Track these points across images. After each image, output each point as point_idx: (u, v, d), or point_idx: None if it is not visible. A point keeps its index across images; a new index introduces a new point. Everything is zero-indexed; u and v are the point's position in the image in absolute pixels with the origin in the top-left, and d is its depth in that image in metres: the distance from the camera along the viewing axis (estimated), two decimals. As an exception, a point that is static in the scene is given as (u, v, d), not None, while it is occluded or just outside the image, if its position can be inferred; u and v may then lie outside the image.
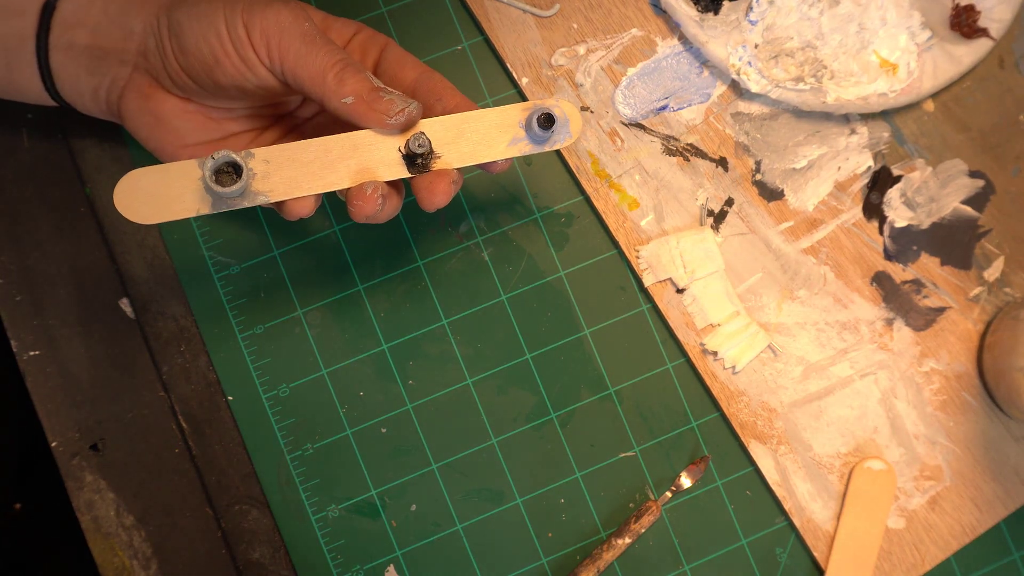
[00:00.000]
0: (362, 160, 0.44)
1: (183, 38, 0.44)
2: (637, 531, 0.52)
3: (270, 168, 0.43)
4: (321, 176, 0.43)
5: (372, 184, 0.43)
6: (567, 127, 0.45)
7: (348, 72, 0.42)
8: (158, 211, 0.42)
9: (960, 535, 0.53)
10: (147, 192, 0.42)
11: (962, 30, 0.54)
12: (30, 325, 0.53)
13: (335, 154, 0.43)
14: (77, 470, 0.52)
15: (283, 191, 0.43)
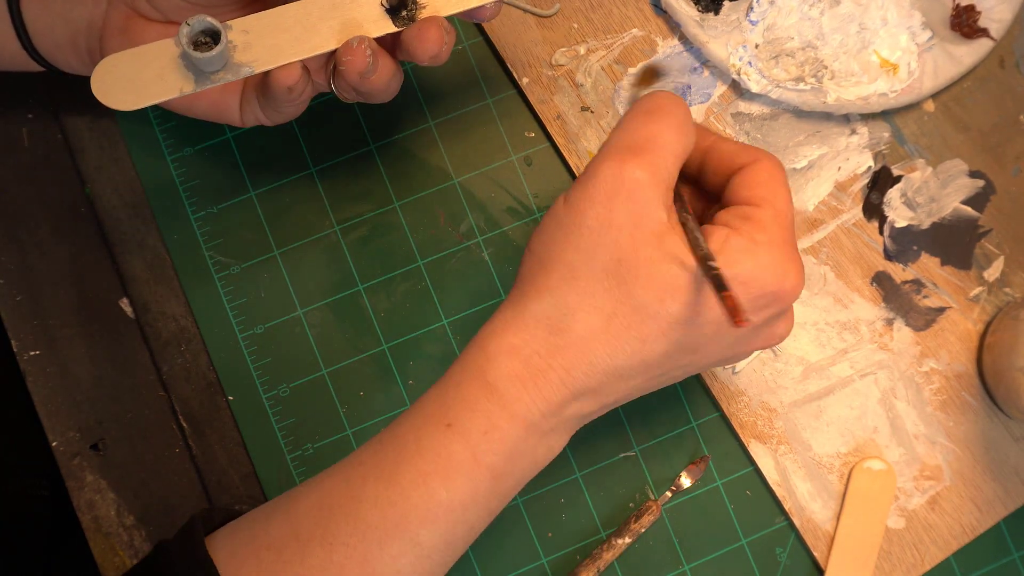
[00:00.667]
0: (345, 19, 0.42)
1: None
2: (637, 531, 0.52)
3: (250, 38, 0.41)
4: (305, 40, 0.42)
5: (358, 38, 0.42)
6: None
7: None
8: (139, 95, 0.40)
9: (960, 535, 0.53)
10: (125, 77, 0.40)
11: (962, 30, 0.54)
12: (30, 325, 0.53)
13: (316, 16, 0.42)
14: (78, 470, 0.52)
15: (267, 60, 0.42)
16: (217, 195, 0.54)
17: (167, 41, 0.40)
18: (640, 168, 0.37)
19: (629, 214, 0.37)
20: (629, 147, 0.38)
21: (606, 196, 0.37)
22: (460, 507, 0.38)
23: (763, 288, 0.38)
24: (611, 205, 0.37)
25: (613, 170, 0.38)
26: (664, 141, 0.38)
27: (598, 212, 0.37)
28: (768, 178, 0.40)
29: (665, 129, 0.39)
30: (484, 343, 0.39)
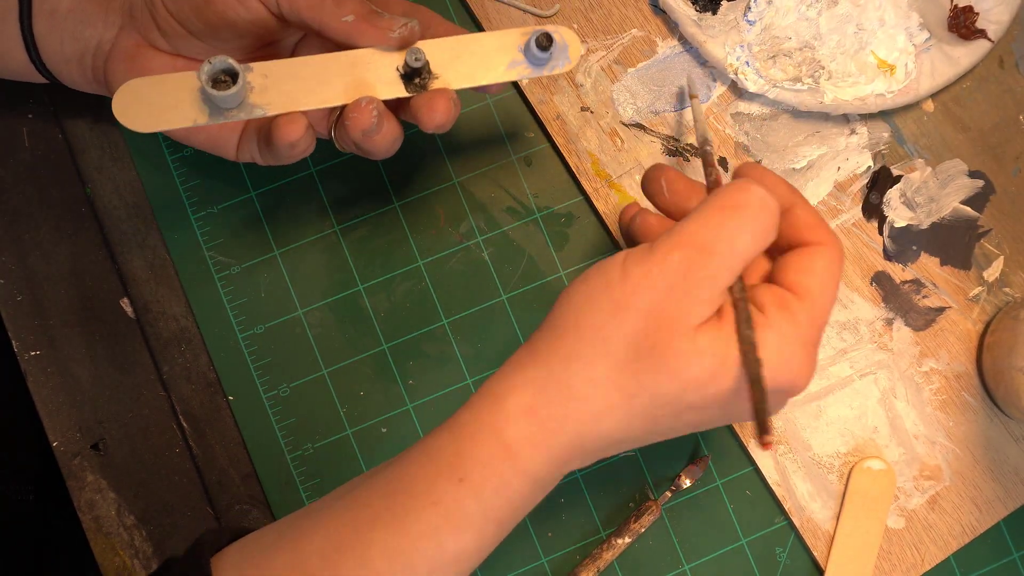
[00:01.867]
0: (359, 77, 0.44)
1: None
2: (637, 531, 0.52)
3: (268, 82, 0.43)
4: (318, 92, 0.43)
5: (367, 97, 0.43)
6: (566, 52, 0.45)
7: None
8: (155, 120, 0.42)
9: (960, 535, 0.53)
10: (145, 101, 0.42)
11: (960, 31, 0.54)
12: (31, 325, 0.53)
13: (333, 71, 0.43)
14: (78, 470, 0.52)
15: (279, 105, 0.43)
16: (217, 195, 0.54)
17: (190, 73, 0.42)
18: (706, 269, 0.36)
19: (679, 307, 0.36)
20: (702, 245, 0.37)
21: (666, 286, 0.37)
22: (466, 556, 0.39)
23: (778, 384, 0.37)
24: (668, 295, 0.37)
25: (681, 264, 0.37)
26: (738, 247, 0.37)
27: (653, 298, 0.37)
28: (823, 269, 0.39)
29: (743, 233, 0.37)
30: (502, 398, 0.39)
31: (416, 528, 0.38)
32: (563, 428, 0.38)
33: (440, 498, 0.38)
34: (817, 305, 0.38)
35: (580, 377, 0.38)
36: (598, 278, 0.38)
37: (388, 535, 0.38)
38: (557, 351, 0.38)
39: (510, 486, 0.38)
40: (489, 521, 0.38)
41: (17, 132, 0.54)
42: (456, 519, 0.38)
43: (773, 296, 0.38)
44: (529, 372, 0.39)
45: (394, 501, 0.38)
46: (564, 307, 0.39)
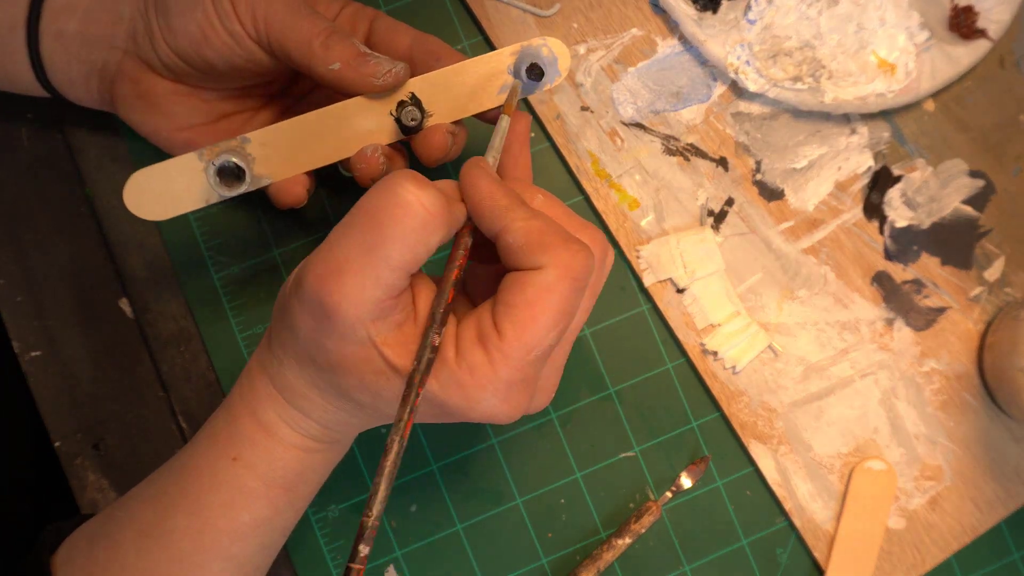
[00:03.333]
0: (356, 128, 0.44)
1: (169, 16, 0.44)
2: (637, 531, 0.52)
3: (268, 151, 0.44)
4: (318, 151, 0.44)
5: (372, 146, 0.45)
6: (555, 64, 0.45)
7: (334, 39, 0.42)
8: (168, 207, 0.44)
9: (960, 535, 0.53)
10: (154, 191, 0.43)
11: (960, 31, 0.54)
12: (31, 326, 0.53)
13: (329, 126, 0.44)
14: (80, 470, 0.53)
15: (283, 171, 0.44)
16: (217, 195, 0.54)
17: (191, 156, 0.43)
18: (337, 295, 0.35)
19: (335, 338, 0.36)
20: (336, 267, 0.35)
21: (313, 319, 0.36)
22: (265, 521, 0.41)
23: (447, 410, 0.37)
24: (319, 327, 0.36)
25: (314, 294, 0.35)
26: (381, 256, 0.35)
27: (309, 326, 0.37)
28: (530, 299, 0.35)
29: (385, 241, 0.35)
30: (254, 380, 0.41)
31: (208, 509, 0.40)
32: (303, 414, 0.40)
33: (222, 478, 0.40)
34: (515, 343, 0.35)
35: (293, 377, 0.39)
36: (281, 291, 0.39)
37: (186, 519, 0.40)
38: (273, 350, 0.40)
39: (281, 458, 0.41)
40: (273, 488, 0.41)
41: (17, 132, 0.54)
42: (240, 494, 0.40)
43: (474, 332, 0.36)
44: (264, 359, 0.40)
45: (186, 486, 0.41)
46: (274, 310, 0.40)
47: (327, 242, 0.36)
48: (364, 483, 0.53)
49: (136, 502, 0.42)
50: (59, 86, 0.48)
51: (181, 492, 0.41)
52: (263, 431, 0.40)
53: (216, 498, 0.40)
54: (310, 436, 0.41)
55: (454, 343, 0.37)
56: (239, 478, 0.40)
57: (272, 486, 0.41)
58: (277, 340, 0.39)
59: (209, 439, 0.42)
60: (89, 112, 0.54)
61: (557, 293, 0.35)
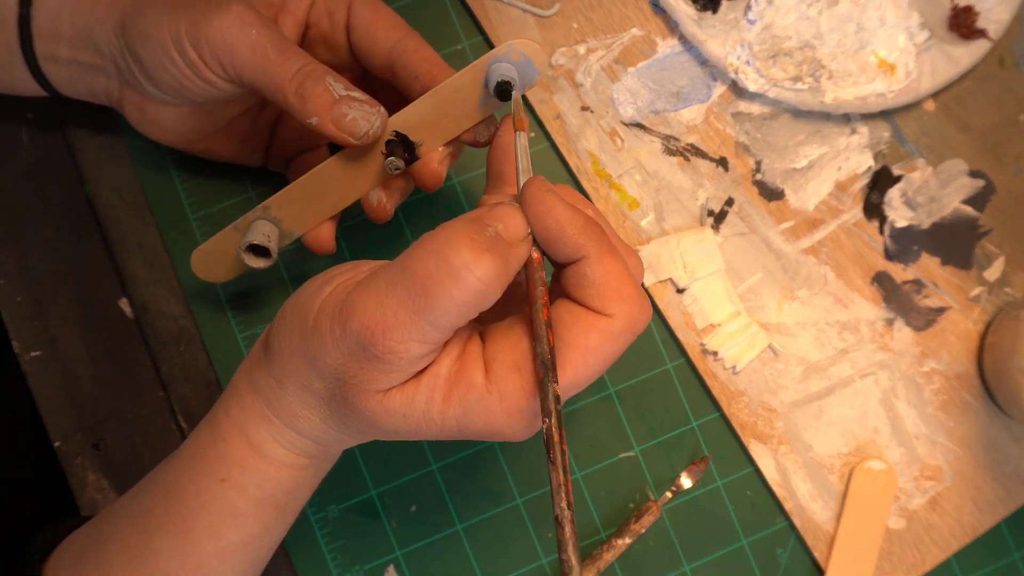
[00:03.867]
0: (360, 170, 0.45)
1: (143, 65, 0.44)
2: (637, 531, 0.52)
3: (289, 210, 0.46)
4: (332, 199, 0.47)
5: (375, 195, 0.46)
6: (531, 66, 0.43)
7: (308, 85, 0.41)
8: (232, 269, 0.49)
9: (960, 535, 0.53)
10: (212, 259, 0.48)
11: (960, 31, 0.54)
12: (31, 326, 0.53)
13: (335, 176, 0.45)
14: (80, 470, 0.52)
15: (308, 223, 0.47)
16: (216, 195, 0.54)
17: (228, 231, 0.47)
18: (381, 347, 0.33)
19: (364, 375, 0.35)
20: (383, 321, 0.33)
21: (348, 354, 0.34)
22: (255, 539, 0.41)
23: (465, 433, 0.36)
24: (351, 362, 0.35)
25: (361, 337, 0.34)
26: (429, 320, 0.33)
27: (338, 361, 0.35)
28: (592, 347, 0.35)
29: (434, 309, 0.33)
30: (243, 399, 0.39)
31: (195, 530, 0.39)
32: (297, 435, 0.39)
33: (209, 499, 0.39)
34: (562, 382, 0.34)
35: (294, 400, 0.38)
36: (297, 318, 0.37)
37: (173, 541, 0.39)
38: (272, 371, 0.38)
39: (272, 478, 0.40)
40: (263, 507, 0.40)
41: (17, 132, 0.54)
42: (229, 515, 0.39)
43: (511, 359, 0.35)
44: (257, 379, 0.39)
45: (171, 506, 0.40)
46: (276, 328, 0.38)
47: (374, 287, 0.34)
48: (364, 483, 0.53)
49: (122, 518, 0.41)
50: (71, 96, 0.49)
51: (167, 512, 0.40)
52: (254, 452, 0.39)
53: (203, 520, 0.39)
54: (304, 454, 0.40)
55: (481, 367, 0.35)
56: (228, 500, 0.39)
57: (262, 505, 0.40)
58: (281, 364, 0.37)
59: (194, 458, 0.40)
60: (89, 112, 0.54)
61: (618, 345, 0.35)
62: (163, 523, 0.40)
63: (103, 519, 0.42)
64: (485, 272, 0.32)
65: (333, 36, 0.47)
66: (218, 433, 0.40)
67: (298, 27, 0.47)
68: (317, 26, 0.47)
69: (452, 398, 0.35)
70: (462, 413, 0.35)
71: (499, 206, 0.36)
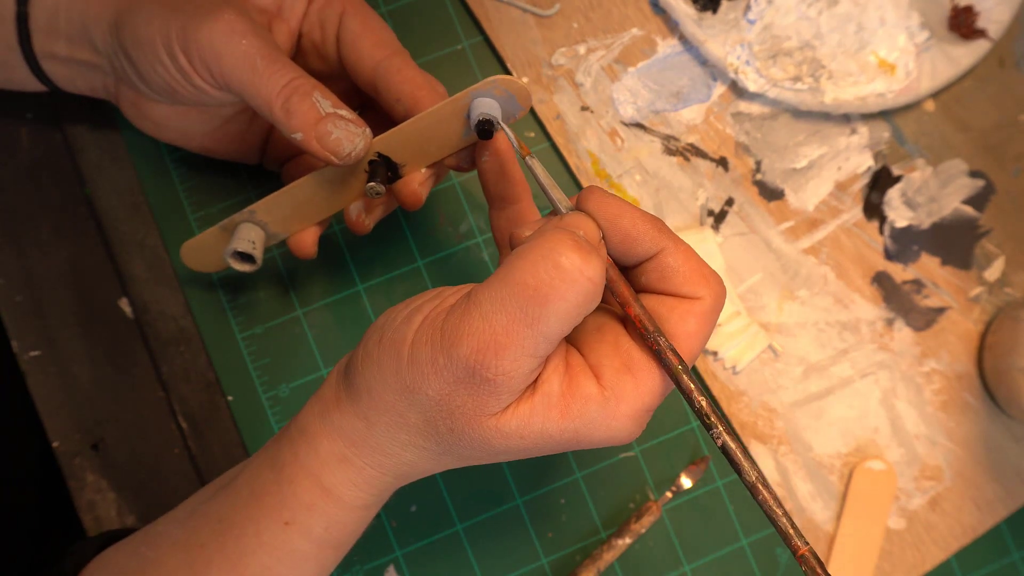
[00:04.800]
0: (337, 188, 0.46)
1: (136, 66, 0.43)
2: (637, 531, 0.52)
3: (276, 214, 0.47)
4: (317, 207, 0.47)
5: (355, 209, 0.47)
6: (513, 103, 0.42)
7: (294, 101, 0.41)
8: (217, 265, 0.50)
9: (960, 535, 0.53)
10: (200, 253, 0.49)
11: (960, 31, 0.54)
12: (30, 325, 0.53)
13: (319, 185, 0.46)
14: (79, 470, 0.52)
15: (295, 226, 0.48)
16: (216, 195, 0.54)
17: (215, 230, 0.48)
18: (493, 369, 0.33)
19: (473, 400, 0.34)
20: (494, 341, 0.32)
21: (454, 379, 0.34)
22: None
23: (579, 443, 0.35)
24: (458, 388, 0.34)
25: (469, 359, 0.33)
26: (542, 332, 0.32)
27: (442, 390, 0.34)
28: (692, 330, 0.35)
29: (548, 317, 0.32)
30: (316, 442, 0.38)
31: (251, 570, 0.38)
32: (381, 474, 0.38)
33: (269, 540, 0.38)
34: None
35: (385, 439, 0.37)
36: (388, 352, 0.36)
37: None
38: (358, 411, 0.37)
39: (339, 521, 0.39)
40: (325, 549, 0.39)
41: (16, 132, 0.54)
42: (288, 557, 0.38)
43: (619, 361, 0.35)
44: (336, 420, 0.38)
45: (226, 542, 0.39)
46: (361, 365, 0.37)
47: (478, 308, 0.33)
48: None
49: (168, 545, 0.40)
50: (71, 91, 0.49)
51: (220, 549, 0.39)
52: (325, 495, 0.38)
53: (260, 560, 0.38)
54: (380, 492, 0.39)
55: (590, 376, 0.35)
56: (290, 543, 0.38)
57: (324, 547, 0.39)
58: (371, 402, 0.36)
59: (254, 496, 0.39)
60: (89, 112, 0.54)
61: (712, 323, 0.36)
62: (215, 560, 0.39)
63: (145, 543, 0.41)
64: (595, 272, 0.32)
65: (324, 47, 0.47)
66: (283, 475, 0.38)
67: (291, 36, 0.47)
68: (309, 35, 0.47)
69: (571, 412, 0.34)
70: (582, 425, 0.34)
71: (569, 215, 0.36)
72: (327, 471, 0.38)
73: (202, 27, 0.41)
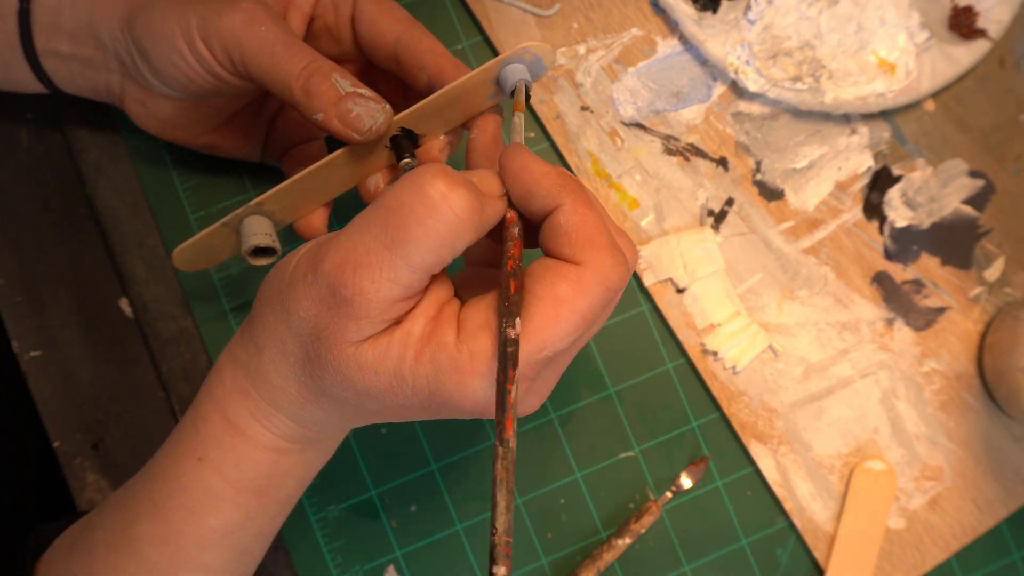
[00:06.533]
0: (357, 166, 0.45)
1: (148, 59, 0.44)
2: (637, 531, 0.52)
3: (285, 204, 0.46)
4: (328, 189, 0.46)
5: (374, 180, 0.46)
6: (539, 64, 0.43)
7: (314, 82, 0.41)
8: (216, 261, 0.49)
9: (960, 535, 0.53)
10: (198, 255, 0.48)
11: (961, 31, 0.54)
12: (31, 326, 0.53)
13: (332, 171, 0.45)
14: (79, 470, 0.52)
15: (304, 211, 0.47)
16: (216, 195, 0.54)
17: (218, 227, 0.46)
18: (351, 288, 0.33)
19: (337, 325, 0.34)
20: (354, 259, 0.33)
21: (320, 301, 0.34)
22: (236, 527, 0.39)
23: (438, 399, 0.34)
24: (324, 311, 0.34)
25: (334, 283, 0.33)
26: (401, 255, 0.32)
27: (311, 311, 0.34)
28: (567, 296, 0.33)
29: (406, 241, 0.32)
30: (221, 374, 0.39)
31: (174, 514, 0.39)
32: (275, 410, 0.38)
33: (187, 481, 0.38)
34: (530, 337, 0.33)
35: (271, 369, 0.37)
36: (275, 276, 0.37)
37: (153, 526, 0.39)
38: (253, 339, 0.37)
39: (251, 459, 0.38)
40: (243, 492, 0.39)
41: (17, 133, 0.54)
42: (208, 498, 0.38)
43: (482, 317, 0.34)
44: (236, 351, 0.38)
45: (152, 492, 0.39)
46: (259, 293, 0.38)
47: (348, 230, 0.34)
48: (364, 483, 0.52)
49: (109, 508, 0.41)
50: (71, 93, 0.49)
51: (148, 497, 0.39)
52: (231, 429, 0.38)
53: (181, 501, 0.38)
54: (283, 435, 0.39)
55: (454, 326, 0.34)
56: (205, 480, 0.38)
57: (241, 490, 0.39)
58: (261, 327, 0.37)
59: (176, 439, 0.40)
60: (89, 112, 0.54)
61: (591, 298, 0.33)
62: (142, 509, 0.39)
63: (94, 513, 0.42)
64: (460, 203, 0.32)
65: (338, 28, 0.47)
66: (198, 412, 0.39)
67: (304, 20, 0.47)
68: (322, 18, 0.47)
69: (424, 356, 0.34)
70: (433, 373, 0.34)
71: (475, 170, 0.36)
72: (230, 402, 0.38)
73: (223, 17, 0.41)
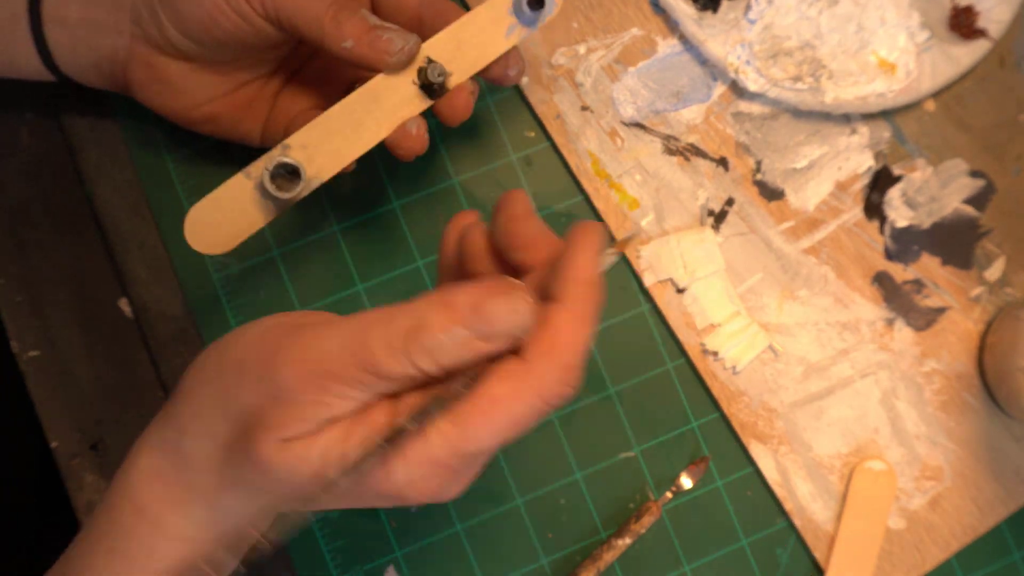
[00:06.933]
0: (386, 106, 0.45)
1: (175, 2, 0.44)
2: (637, 531, 0.52)
3: (310, 151, 0.44)
4: (357, 138, 0.44)
5: (415, 122, 0.45)
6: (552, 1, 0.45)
7: (344, 14, 0.42)
8: (230, 236, 0.44)
9: (961, 535, 0.53)
10: (211, 222, 0.44)
11: (961, 31, 0.54)
12: (30, 325, 0.53)
13: (361, 111, 0.44)
14: (78, 471, 0.52)
15: (330, 167, 0.45)
16: (217, 195, 0.54)
17: (239, 177, 0.43)
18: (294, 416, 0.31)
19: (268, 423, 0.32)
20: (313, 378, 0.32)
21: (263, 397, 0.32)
22: None
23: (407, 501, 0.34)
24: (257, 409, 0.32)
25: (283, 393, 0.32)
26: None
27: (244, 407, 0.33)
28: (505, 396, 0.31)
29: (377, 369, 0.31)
30: (136, 456, 0.36)
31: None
32: (191, 497, 0.35)
33: (99, 573, 0.36)
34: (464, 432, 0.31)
35: (194, 449, 0.35)
36: (214, 358, 0.35)
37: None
38: (177, 419, 0.35)
39: (157, 551, 0.35)
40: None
41: (17, 132, 0.54)
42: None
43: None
44: (155, 434, 0.36)
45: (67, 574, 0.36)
46: (189, 373, 0.36)
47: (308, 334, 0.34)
48: (364, 483, 0.52)
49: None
50: (71, 73, 0.48)
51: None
52: (138, 516, 0.35)
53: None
54: (195, 523, 0.35)
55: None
56: (115, 572, 0.35)
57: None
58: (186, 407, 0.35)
59: (93, 521, 0.37)
60: (89, 111, 0.54)
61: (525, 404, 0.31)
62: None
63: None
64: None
65: None
66: (110, 499, 0.37)
67: None
68: None
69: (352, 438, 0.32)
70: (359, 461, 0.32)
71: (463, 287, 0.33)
72: (142, 487, 0.35)
73: None
